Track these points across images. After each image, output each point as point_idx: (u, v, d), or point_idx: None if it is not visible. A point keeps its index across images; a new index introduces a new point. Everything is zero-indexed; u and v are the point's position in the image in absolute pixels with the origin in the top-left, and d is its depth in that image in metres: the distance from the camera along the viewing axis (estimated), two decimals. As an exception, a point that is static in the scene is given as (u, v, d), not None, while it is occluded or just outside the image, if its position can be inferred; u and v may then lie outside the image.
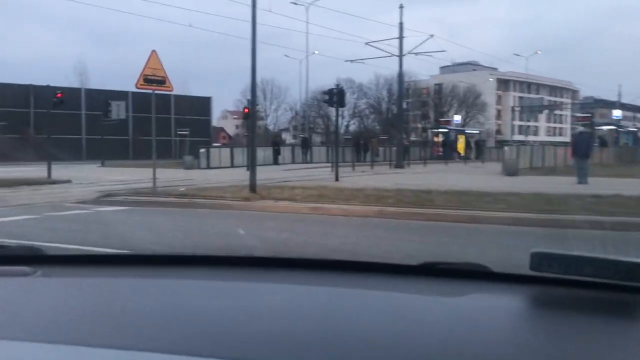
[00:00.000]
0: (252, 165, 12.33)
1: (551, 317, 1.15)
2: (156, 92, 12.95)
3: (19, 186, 16.43)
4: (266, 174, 15.63)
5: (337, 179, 17.98)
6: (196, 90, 60.58)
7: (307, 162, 32.41)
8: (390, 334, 0.99)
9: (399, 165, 28.23)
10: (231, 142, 62.70)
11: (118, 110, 31.83)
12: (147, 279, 1.40)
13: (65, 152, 42.50)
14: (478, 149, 42.54)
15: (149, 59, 12.48)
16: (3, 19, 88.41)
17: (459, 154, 41.98)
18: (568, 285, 1.21)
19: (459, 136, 45.18)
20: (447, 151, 39.32)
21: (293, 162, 32.67)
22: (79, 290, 1.28)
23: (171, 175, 20.32)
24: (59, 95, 19.05)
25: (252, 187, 11.89)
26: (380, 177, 20.98)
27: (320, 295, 1.26)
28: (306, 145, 35.38)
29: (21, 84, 44.32)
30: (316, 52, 54.87)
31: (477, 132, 52.06)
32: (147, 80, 12.46)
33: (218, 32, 63.80)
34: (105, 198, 12.17)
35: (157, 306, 1.15)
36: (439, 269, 1.38)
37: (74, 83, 51.60)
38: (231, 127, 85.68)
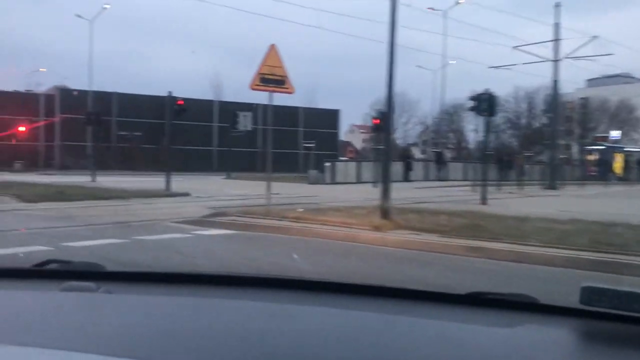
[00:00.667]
0: (384, 185, 9.82)
1: (600, 352, 1.13)
2: (284, 104, 10.92)
3: (133, 198, 15.40)
4: (397, 193, 13.03)
5: (484, 202, 15.06)
6: (323, 103, 59.61)
7: (441, 180, 29.38)
8: None
9: (552, 187, 24.38)
10: (357, 157, 60.87)
11: (245, 122, 31.09)
12: (205, 298, 1.42)
13: (197, 163, 43.04)
14: (640, 169, 36.88)
15: (266, 55, 10.53)
16: (150, 38, 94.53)
17: (616, 174, 36.72)
18: (618, 321, 1.19)
19: (616, 155, 39.61)
20: (604, 171, 34.30)
21: (425, 179, 29.80)
22: (141, 308, 1.31)
23: (293, 191, 18.54)
24: (180, 102, 17.92)
25: (385, 212, 9.39)
26: (535, 200, 17.63)
27: (368, 321, 1.25)
28: (441, 160, 32.28)
29: (157, 96, 45.60)
30: (452, 61, 51.21)
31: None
32: (264, 80, 10.49)
33: (348, 35, 61.98)
34: (213, 218, 10.35)
35: (213, 326, 1.16)
36: (485, 299, 1.38)
37: (210, 97, 52.49)
38: (358, 141, 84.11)
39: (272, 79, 10.47)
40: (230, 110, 35.71)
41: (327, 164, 26.56)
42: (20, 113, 40.35)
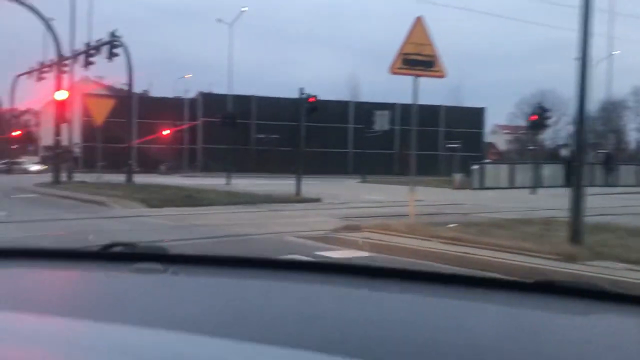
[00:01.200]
0: (576, 196, 7.22)
1: None
2: (422, 102, 8.85)
3: (262, 204, 14.10)
4: (561, 201, 10.17)
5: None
6: (463, 102, 55.69)
7: (610, 185, 25.18)
8: (518, 349, 0.99)
9: None
10: (501, 159, 56.21)
11: (382, 122, 29.19)
12: (271, 281, 1.45)
13: (332, 165, 41.96)
14: None
15: (411, 30, 8.40)
16: (294, 43, 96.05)
17: None
18: None
19: None
20: None
21: (591, 184, 25.67)
22: (209, 289, 1.36)
23: (437, 197, 16.23)
24: (311, 99, 16.35)
25: (576, 233, 6.84)
26: None
27: (441, 307, 1.28)
28: (610, 163, 27.76)
29: (293, 98, 45.29)
30: (616, 52, 45.28)
31: None
32: (408, 61, 8.39)
33: (499, 16, 56.83)
34: (343, 233, 8.45)
35: (279, 307, 1.20)
36: (554, 286, 1.38)
37: (346, 99, 51.21)
38: (501, 142, 78.60)
39: (418, 60, 8.32)
40: (366, 110, 34.05)
41: (475, 166, 23.66)
42: (166, 117, 41.91)
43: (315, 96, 16.46)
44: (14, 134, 37.87)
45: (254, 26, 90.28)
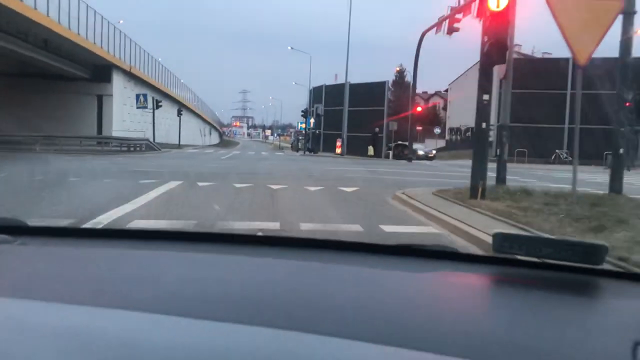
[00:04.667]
0: None
1: (508, 294, 1.21)
2: None
3: None
4: None
5: None
6: None
7: None
8: (364, 304, 1.04)
9: None
10: None
11: None
12: (125, 249, 1.50)
13: None
14: None
15: None
16: None
17: None
18: (530, 267, 1.32)
19: None
20: None
21: None
22: (56, 258, 1.36)
23: None
24: None
25: None
26: None
27: (303, 270, 1.34)
28: None
29: None
30: None
31: None
32: None
33: None
34: None
35: (127, 273, 1.22)
36: (412, 249, 1.54)
37: None
38: None
39: None
40: None
41: None
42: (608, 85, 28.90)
43: None
44: (417, 109, 31.23)
45: None
